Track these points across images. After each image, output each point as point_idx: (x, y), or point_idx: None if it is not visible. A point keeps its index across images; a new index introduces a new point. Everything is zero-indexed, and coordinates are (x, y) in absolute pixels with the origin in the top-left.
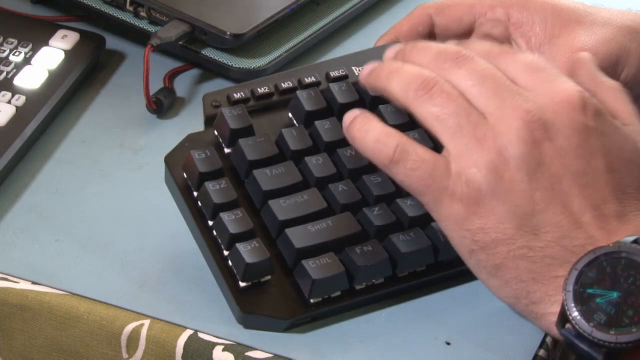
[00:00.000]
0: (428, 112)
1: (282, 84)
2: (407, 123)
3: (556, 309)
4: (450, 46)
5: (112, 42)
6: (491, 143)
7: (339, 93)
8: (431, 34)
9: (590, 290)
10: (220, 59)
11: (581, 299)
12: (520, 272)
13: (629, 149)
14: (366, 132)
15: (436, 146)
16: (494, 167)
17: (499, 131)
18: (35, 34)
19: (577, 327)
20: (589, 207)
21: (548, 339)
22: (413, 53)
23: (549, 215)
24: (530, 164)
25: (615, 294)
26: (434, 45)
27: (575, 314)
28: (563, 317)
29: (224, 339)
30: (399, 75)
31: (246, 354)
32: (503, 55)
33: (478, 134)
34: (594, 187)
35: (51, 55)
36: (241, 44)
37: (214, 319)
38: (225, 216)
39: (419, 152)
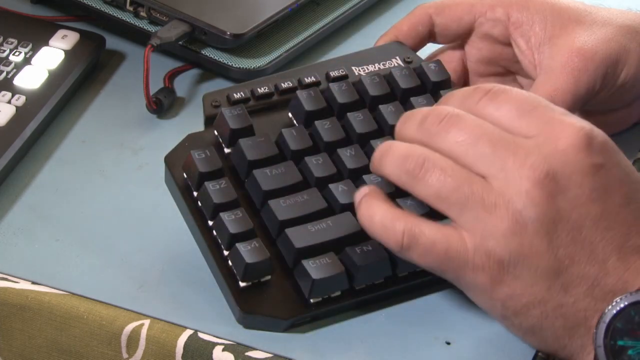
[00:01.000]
0: (427, 193)
1: (282, 84)
2: None
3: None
4: (431, 109)
5: (112, 42)
6: (504, 211)
7: (339, 93)
8: (431, 34)
9: (621, 343)
10: (220, 59)
11: (613, 352)
12: (555, 329)
13: (632, 170)
14: (371, 217)
15: None
16: (512, 234)
17: (508, 197)
18: (35, 34)
19: None
20: (614, 250)
21: None
22: (399, 126)
23: (575, 269)
24: (548, 223)
25: None
26: (416, 113)
27: None
28: None
29: (224, 339)
30: (388, 158)
31: (246, 354)
32: (490, 99)
33: (487, 204)
34: (615, 227)
35: (51, 55)
36: (241, 44)
37: (214, 319)
38: (225, 216)
39: (428, 233)
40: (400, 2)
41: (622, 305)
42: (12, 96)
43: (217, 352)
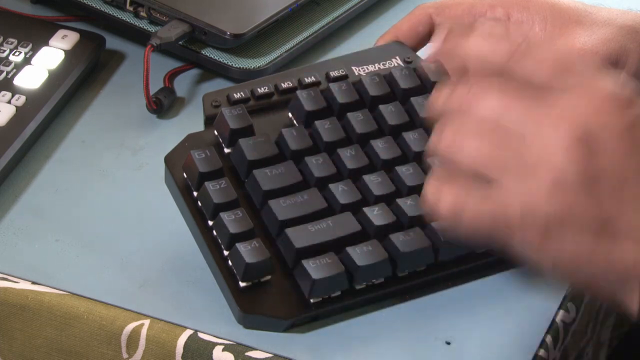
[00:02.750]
0: (467, 161)
1: (282, 84)
2: (408, 123)
3: None
4: (457, 84)
5: (112, 42)
6: (544, 171)
7: (339, 93)
8: (431, 34)
9: None
10: (220, 59)
11: None
12: (611, 281)
13: None
14: (425, 192)
15: None
16: (555, 192)
17: (547, 156)
18: (35, 34)
19: None
20: None
21: (548, 339)
22: (431, 102)
23: (622, 219)
24: (590, 179)
25: None
26: (443, 90)
27: None
28: None
29: (224, 339)
30: (433, 142)
31: (246, 354)
32: (522, 54)
33: (528, 164)
34: None
35: (51, 55)
36: (241, 44)
37: (214, 319)
38: (225, 216)
39: (475, 201)
40: (400, 2)
41: None
42: (12, 96)
43: (217, 352)
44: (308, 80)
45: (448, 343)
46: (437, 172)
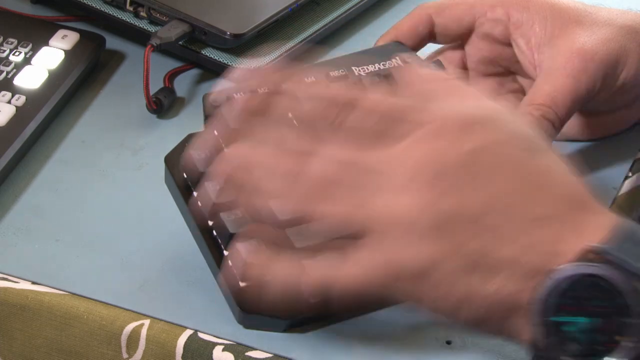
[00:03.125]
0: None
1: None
2: None
3: (529, 339)
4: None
5: (112, 42)
6: (394, 226)
7: None
8: (431, 34)
9: (559, 319)
10: (220, 59)
11: (549, 329)
12: (492, 318)
13: (516, 137)
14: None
15: None
16: (412, 246)
17: (393, 211)
18: (35, 34)
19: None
20: (520, 228)
21: None
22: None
23: (488, 259)
24: (443, 226)
25: (584, 320)
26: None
27: (546, 346)
28: (536, 349)
29: (224, 339)
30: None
31: (246, 354)
32: (348, 108)
33: (376, 221)
34: (512, 205)
35: (51, 55)
36: (241, 44)
37: (214, 319)
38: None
39: (344, 273)
40: (400, 2)
41: (554, 281)
42: (12, 96)
43: (217, 352)
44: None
45: (448, 343)
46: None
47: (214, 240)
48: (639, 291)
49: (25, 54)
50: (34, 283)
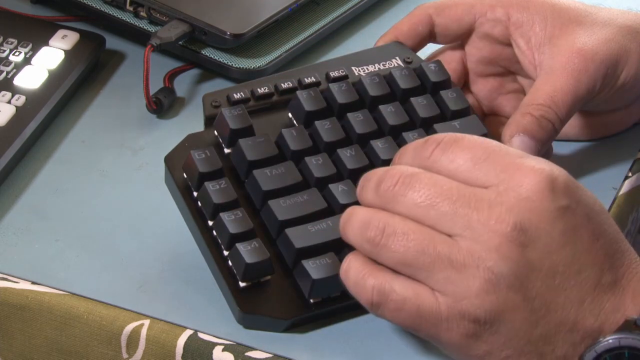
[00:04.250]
0: (392, 260)
1: (282, 84)
2: (407, 123)
3: None
4: (386, 170)
5: (112, 42)
6: (474, 270)
7: (339, 93)
8: (431, 34)
9: None
10: (220, 59)
11: None
12: None
13: (595, 201)
14: (346, 273)
15: None
16: (485, 293)
17: (477, 254)
18: (35, 34)
19: None
20: (589, 291)
21: None
22: (359, 190)
23: (552, 316)
24: (521, 276)
25: None
26: (372, 176)
27: None
28: None
29: (224, 339)
30: (350, 226)
31: (246, 354)
32: (442, 150)
33: (456, 264)
34: (587, 267)
35: (51, 55)
36: (241, 44)
37: (214, 319)
38: (225, 216)
39: (398, 290)
40: (400, 2)
41: (597, 353)
42: (12, 96)
43: (217, 352)
44: (308, 80)
45: None
46: (360, 257)
47: (214, 240)
48: None
49: (25, 54)
50: (34, 283)
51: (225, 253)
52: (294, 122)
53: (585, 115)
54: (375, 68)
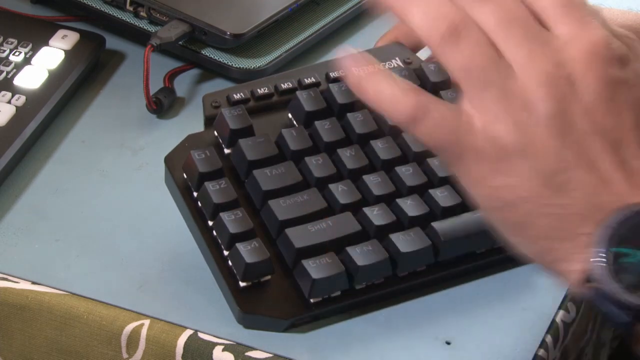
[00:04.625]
0: (455, 60)
1: (282, 85)
2: None
3: (582, 266)
4: None
5: (112, 42)
6: (520, 100)
7: (339, 93)
8: None
9: (619, 250)
10: (220, 59)
11: (609, 258)
12: (545, 229)
13: None
14: (380, 91)
15: None
16: (522, 124)
17: (527, 86)
18: (35, 34)
19: (604, 287)
20: (619, 165)
21: (548, 339)
22: None
23: (578, 172)
24: (560, 122)
25: None
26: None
27: (602, 273)
28: (589, 276)
29: (224, 339)
30: (421, 6)
31: (246, 354)
32: None
33: (507, 89)
34: (623, 144)
35: (51, 55)
36: (241, 44)
37: (214, 319)
38: (225, 216)
39: (442, 108)
40: None
41: (626, 213)
42: (12, 96)
43: (217, 352)
44: (308, 80)
45: (448, 343)
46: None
47: (214, 240)
48: None
49: (25, 54)
50: (34, 283)
51: (225, 253)
52: (294, 122)
53: None
54: None
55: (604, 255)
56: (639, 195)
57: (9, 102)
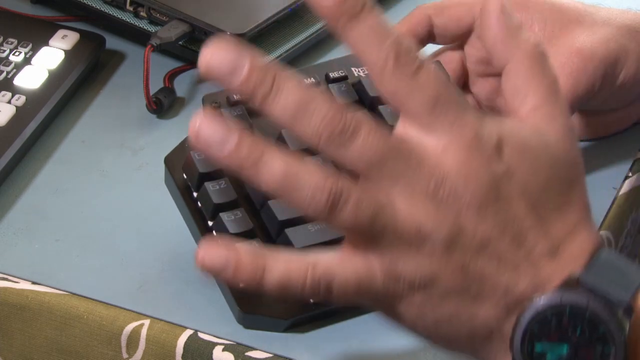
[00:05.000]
0: (345, 220)
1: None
2: None
3: None
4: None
5: (112, 42)
6: (411, 234)
7: (339, 94)
8: (430, 35)
9: (538, 347)
10: None
11: (530, 356)
12: (468, 337)
13: (542, 162)
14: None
15: None
16: (421, 256)
17: (414, 218)
18: (35, 34)
19: None
20: (523, 257)
21: None
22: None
23: (486, 282)
24: (454, 242)
25: (564, 349)
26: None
27: None
28: None
29: (224, 339)
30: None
31: (246, 354)
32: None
33: (397, 231)
34: (521, 235)
35: (51, 55)
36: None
37: (214, 319)
38: (225, 216)
39: (341, 272)
40: (400, 2)
41: (537, 308)
42: (12, 96)
43: (217, 352)
44: (308, 81)
45: None
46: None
47: None
48: (620, 320)
49: (25, 54)
50: (34, 283)
51: None
52: None
53: (585, 115)
54: None
55: (524, 355)
56: (547, 284)
57: (9, 102)
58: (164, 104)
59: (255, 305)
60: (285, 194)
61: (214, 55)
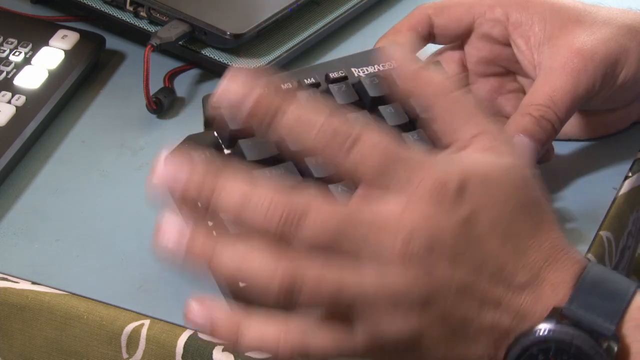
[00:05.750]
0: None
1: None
2: (407, 124)
3: None
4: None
5: (112, 42)
6: (386, 301)
7: (339, 94)
8: (431, 35)
9: None
10: (220, 59)
11: None
12: None
13: (506, 190)
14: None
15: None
16: (400, 319)
17: (387, 285)
18: (35, 34)
19: None
20: (503, 293)
21: None
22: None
23: (471, 326)
24: (433, 297)
25: None
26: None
27: None
28: None
29: None
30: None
31: (246, 354)
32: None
33: (367, 287)
34: (498, 272)
35: (51, 55)
36: (241, 44)
37: None
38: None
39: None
40: (400, 2)
41: (524, 345)
42: (12, 96)
43: (217, 352)
44: (308, 81)
45: None
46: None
47: None
48: (608, 349)
49: (25, 54)
50: (34, 283)
51: None
52: None
53: (585, 114)
54: (374, 69)
55: None
56: (532, 315)
57: (9, 102)
58: (164, 104)
59: (255, 305)
60: (242, 281)
61: None
